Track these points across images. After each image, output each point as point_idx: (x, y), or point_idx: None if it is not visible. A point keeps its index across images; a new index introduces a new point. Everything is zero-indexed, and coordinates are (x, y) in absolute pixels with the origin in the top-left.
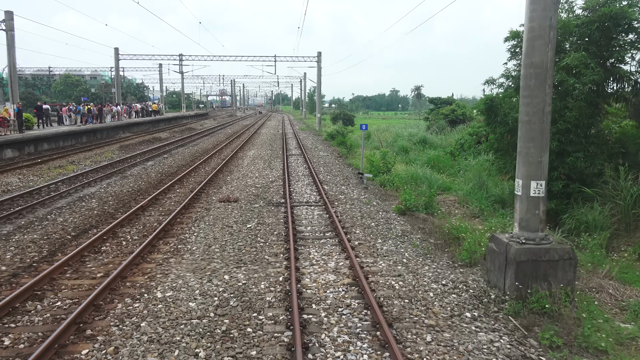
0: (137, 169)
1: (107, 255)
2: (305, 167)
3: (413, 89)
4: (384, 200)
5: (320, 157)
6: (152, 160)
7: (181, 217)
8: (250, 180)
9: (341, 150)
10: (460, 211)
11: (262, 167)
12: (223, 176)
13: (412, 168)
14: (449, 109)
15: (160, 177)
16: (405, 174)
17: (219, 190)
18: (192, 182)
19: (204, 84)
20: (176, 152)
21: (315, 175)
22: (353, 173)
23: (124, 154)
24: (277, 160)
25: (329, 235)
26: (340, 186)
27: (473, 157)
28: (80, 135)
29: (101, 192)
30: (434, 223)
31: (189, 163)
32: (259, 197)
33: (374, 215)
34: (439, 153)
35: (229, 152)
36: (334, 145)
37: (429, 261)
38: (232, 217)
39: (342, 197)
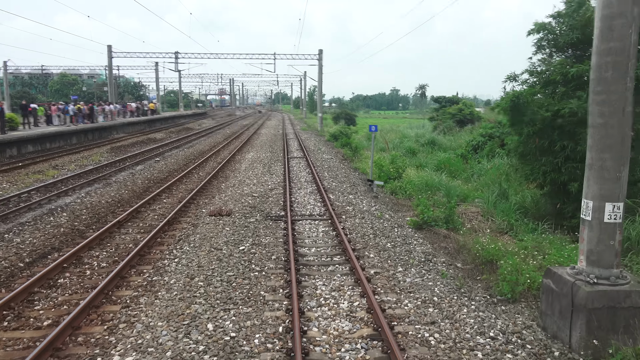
0: (124, 175)
1: (63, 291)
2: (308, 171)
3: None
4: (397, 211)
5: (324, 161)
6: (142, 164)
7: (163, 235)
8: (247, 188)
9: (346, 152)
10: (485, 225)
11: (261, 172)
12: (217, 183)
13: (424, 174)
14: (456, 109)
15: (147, 185)
16: (418, 181)
17: (210, 201)
18: (182, 190)
19: (203, 83)
20: (170, 154)
21: (319, 181)
22: (360, 179)
23: (113, 157)
24: (277, 163)
25: (338, 260)
26: (347, 195)
27: (487, 160)
28: (69, 136)
29: (77, 203)
30: (458, 242)
31: (181, 167)
32: (255, 208)
33: (388, 232)
34: (450, 155)
35: (226, 154)
36: (338, 146)
37: (465, 299)
38: (222, 236)
39: (350, 208)
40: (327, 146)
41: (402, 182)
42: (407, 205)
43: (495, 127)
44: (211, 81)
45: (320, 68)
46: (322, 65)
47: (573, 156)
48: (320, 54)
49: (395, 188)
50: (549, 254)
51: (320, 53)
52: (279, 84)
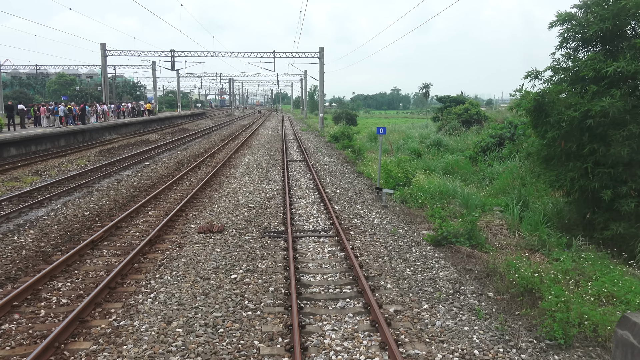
0: (109, 181)
1: (3, 343)
2: (309, 176)
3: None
4: (410, 223)
5: (326, 164)
6: (131, 169)
7: (142, 259)
8: (243, 197)
9: (348, 154)
10: (511, 240)
11: (259, 178)
12: (210, 191)
13: (436, 179)
14: (462, 108)
15: (133, 193)
16: (429, 187)
17: (201, 213)
18: (171, 199)
19: (202, 82)
20: (162, 157)
21: (322, 188)
22: (366, 185)
23: (101, 161)
24: (276, 168)
25: (349, 292)
26: (353, 204)
27: (498, 163)
28: (57, 138)
29: (49, 217)
30: (485, 263)
31: (172, 172)
32: (251, 223)
33: (405, 252)
34: (458, 157)
35: (221, 157)
36: (339, 148)
37: (514, 350)
38: (211, 260)
39: (358, 221)
40: (328, 148)
41: (412, 189)
42: (421, 216)
43: (505, 128)
44: (210, 81)
45: (322, 66)
46: (324, 64)
47: (604, 161)
48: (321, 52)
49: (406, 196)
50: (596, 279)
51: (321, 51)
52: (279, 83)
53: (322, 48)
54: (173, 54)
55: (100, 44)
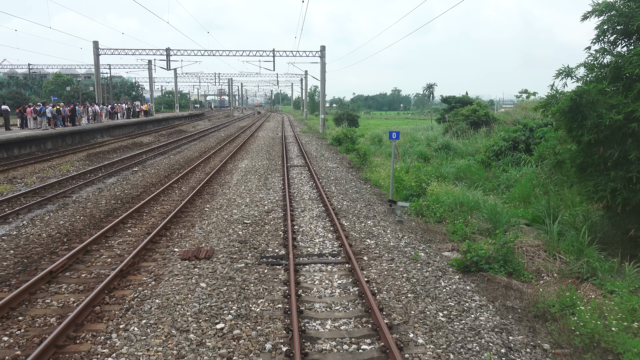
0: (89, 191)
1: None
2: (312, 185)
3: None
4: (429, 242)
5: (330, 170)
6: (117, 176)
7: (107, 299)
8: (238, 210)
9: (352, 159)
10: (552, 265)
11: (256, 187)
12: (201, 203)
13: (453, 188)
14: (469, 109)
15: (113, 206)
16: (446, 198)
17: (188, 232)
18: (156, 214)
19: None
20: (152, 162)
21: (327, 199)
22: (375, 194)
23: (86, 166)
24: (275, 174)
25: (369, 351)
26: (364, 219)
27: (514, 168)
28: (43, 141)
29: (8, 238)
30: (530, 299)
31: (162, 180)
32: (246, 244)
33: (432, 286)
34: (470, 162)
35: (216, 162)
36: (342, 151)
37: None
38: (194, 300)
39: (371, 242)
40: (330, 151)
41: (428, 200)
42: (441, 233)
43: (519, 131)
44: (208, 81)
45: (323, 66)
46: (325, 63)
47: None
48: (322, 50)
49: (421, 208)
50: None
51: (322, 50)
52: (278, 83)
53: (324, 47)
54: (169, 53)
55: (92, 42)
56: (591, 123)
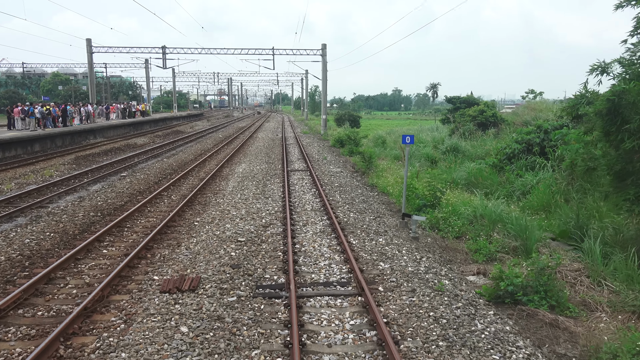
0: (69, 200)
1: None
2: (315, 192)
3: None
4: (449, 262)
5: (333, 175)
6: (102, 182)
7: (62, 350)
8: (231, 225)
9: (356, 162)
10: (599, 295)
11: (253, 195)
12: (191, 216)
13: (471, 198)
14: (477, 110)
15: (92, 219)
16: (465, 209)
17: (173, 253)
18: (138, 229)
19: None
20: (144, 166)
21: (332, 210)
22: (384, 204)
23: (72, 170)
24: (274, 180)
25: None
26: (374, 235)
27: (529, 172)
28: (30, 143)
29: None
30: (584, 343)
31: (151, 187)
32: (239, 270)
33: (466, 330)
34: (481, 166)
35: (212, 166)
36: (345, 154)
37: None
38: (169, 354)
39: (385, 267)
40: (332, 154)
41: (444, 212)
42: (462, 251)
43: (533, 133)
44: (207, 81)
45: (325, 64)
46: (327, 62)
47: None
48: (324, 49)
49: (437, 221)
50: None
51: (324, 48)
52: (279, 83)
53: (325, 45)
54: (164, 51)
55: (85, 39)
56: (633, 127)
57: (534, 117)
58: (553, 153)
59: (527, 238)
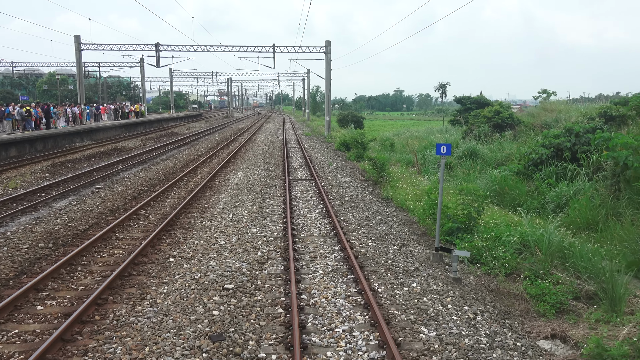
0: (21, 222)
1: None
2: (322, 210)
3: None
4: (506, 316)
5: (342, 186)
6: (72, 196)
7: None
8: (217, 262)
9: (366, 169)
10: None
11: (248, 215)
12: (167, 248)
13: (513, 217)
14: (492, 111)
15: (37, 254)
16: (509, 234)
17: (130, 314)
18: (94, 271)
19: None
20: (125, 175)
21: (345, 237)
22: (405, 224)
23: (43, 180)
24: (274, 193)
25: None
26: (404, 277)
27: (563, 182)
28: (5, 148)
29: None
30: None
31: (125, 204)
32: (221, 346)
33: None
34: (505, 173)
35: (204, 175)
36: (352, 159)
37: None
38: None
39: (430, 335)
40: (338, 159)
41: (485, 239)
42: (519, 296)
43: (563, 136)
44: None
45: (328, 62)
46: (331, 60)
47: None
48: (327, 46)
49: (479, 251)
50: None
51: (327, 45)
52: (279, 83)
53: (329, 41)
54: (158, 48)
55: (73, 36)
56: None
57: (554, 119)
58: (586, 159)
59: (606, 281)
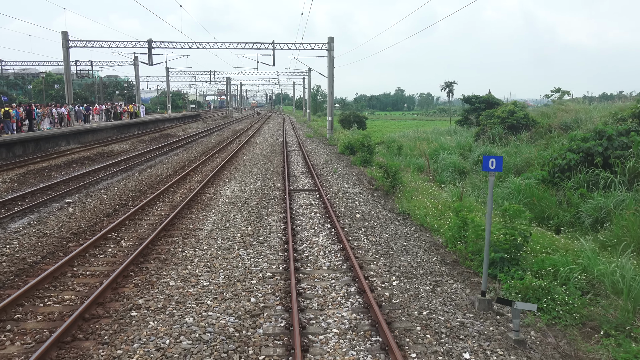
0: None
1: None
2: (330, 231)
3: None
4: None
5: (350, 199)
6: (33, 214)
7: None
8: (195, 317)
9: (375, 176)
10: None
11: (241, 241)
12: (132, 293)
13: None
14: (506, 111)
15: None
16: (566, 267)
17: None
18: (29, 329)
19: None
20: (103, 186)
21: (363, 273)
22: (432, 249)
23: (8, 193)
24: (273, 208)
25: None
26: (451, 341)
27: (598, 192)
28: None
29: None
30: None
31: (97, 224)
32: None
33: None
34: (531, 181)
35: (193, 185)
36: (358, 164)
37: None
38: None
39: None
40: (343, 163)
41: (537, 274)
42: None
43: (593, 140)
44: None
45: (331, 60)
46: (333, 57)
47: None
48: (330, 42)
49: (535, 293)
50: None
51: (330, 42)
52: (279, 82)
53: (332, 38)
54: (151, 45)
55: (61, 32)
56: None
57: (574, 119)
58: (621, 165)
59: None
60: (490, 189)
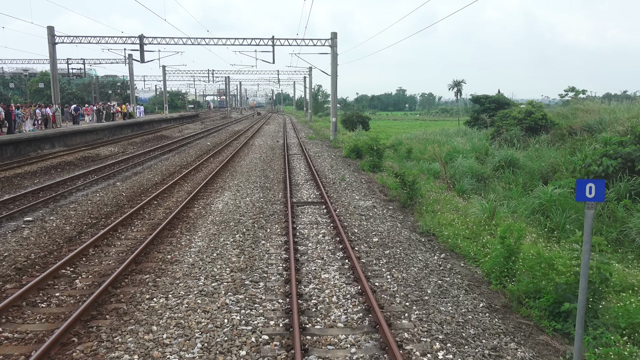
0: None
1: None
2: (343, 262)
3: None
4: None
5: (363, 215)
6: None
7: None
8: None
9: (387, 184)
10: None
11: (230, 279)
12: None
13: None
14: (523, 111)
15: None
16: None
17: None
18: None
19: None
20: (75, 198)
21: (391, 337)
22: (473, 287)
23: None
24: (272, 228)
25: None
26: None
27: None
28: None
29: None
30: None
31: (51, 253)
32: None
33: None
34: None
35: (181, 196)
36: (366, 169)
37: None
38: None
39: None
40: (349, 169)
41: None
42: None
43: (632, 144)
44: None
45: (334, 57)
46: (337, 54)
47: None
48: (333, 38)
49: None
50: None
51: (333, 37)
52: (279, 82)
53: (335, 33)
54: (142, 41)
55: (47, 27)
56: None
57: (597, 120)
58: None
59: None
60: (587, 228)
